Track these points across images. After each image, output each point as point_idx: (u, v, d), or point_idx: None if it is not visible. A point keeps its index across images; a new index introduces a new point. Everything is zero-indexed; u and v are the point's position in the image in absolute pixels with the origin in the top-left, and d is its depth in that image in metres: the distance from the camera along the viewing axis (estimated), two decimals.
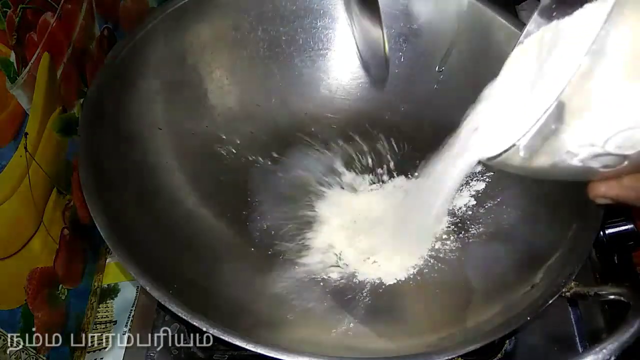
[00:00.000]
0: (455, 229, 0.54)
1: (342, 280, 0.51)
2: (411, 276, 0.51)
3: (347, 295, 0.49)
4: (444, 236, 0.54)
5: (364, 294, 0.49)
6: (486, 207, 0.55)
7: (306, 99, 0.64)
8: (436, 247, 0.53)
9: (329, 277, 0.50)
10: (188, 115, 0.58)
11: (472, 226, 0.54)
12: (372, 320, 0.46)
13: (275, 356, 0.36)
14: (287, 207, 0.56)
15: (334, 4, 0.62)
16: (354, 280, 0.51)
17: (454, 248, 0.52)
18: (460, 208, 0.55)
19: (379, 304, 0.48)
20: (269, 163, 0.60)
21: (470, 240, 0.53)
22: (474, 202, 0.56)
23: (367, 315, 0.47)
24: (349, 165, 0.61)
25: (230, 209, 0.55)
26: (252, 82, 0.62)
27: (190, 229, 0.52)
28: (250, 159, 0.59)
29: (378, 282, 0.50)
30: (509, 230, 0.52)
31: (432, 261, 0.52)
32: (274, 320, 0.46)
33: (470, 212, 0.55)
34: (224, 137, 0.60)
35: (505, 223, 0.53)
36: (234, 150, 0.60)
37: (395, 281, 0.50)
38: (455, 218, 0.55)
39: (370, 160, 0.61)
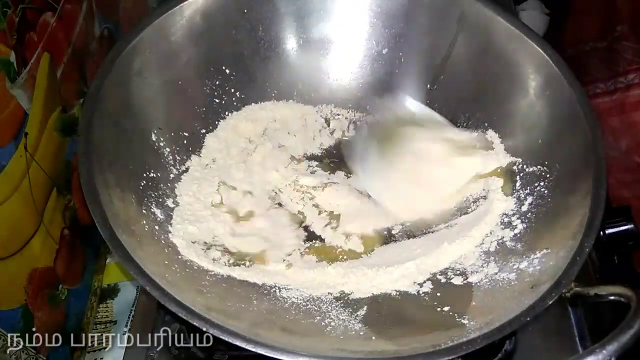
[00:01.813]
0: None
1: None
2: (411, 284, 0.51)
3: (346, 301, 0.49)
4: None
5: (363, 300, 0.49)
6: None
7: (307, 99, 0.64)
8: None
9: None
10: (188, 115, 0.58)
11: None
12: (371, 321, 0.46)
13: (275, 356, 0.36)
14: None
15: (335, 4, 0.62)
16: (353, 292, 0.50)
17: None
18: None
19: (378, 308, 0.48)
20: None
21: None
22: None
23: (367, 317, 0.47)
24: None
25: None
26: (253, 82, 0.62)
27: None
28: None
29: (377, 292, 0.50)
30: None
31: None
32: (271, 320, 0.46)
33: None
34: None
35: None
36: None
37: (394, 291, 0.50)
38: None
39: None
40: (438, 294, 0.49)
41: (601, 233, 0.51)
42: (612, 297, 0.39)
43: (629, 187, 0.67)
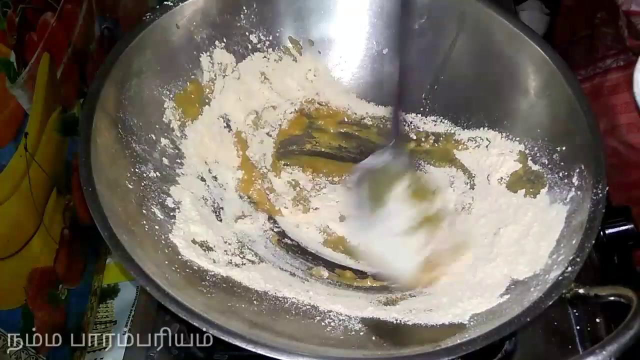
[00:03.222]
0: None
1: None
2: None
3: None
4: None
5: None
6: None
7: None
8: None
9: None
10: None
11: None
12: (371, 322, 0.46)
13: (275, 356, 0.36)
14: None
15: (335, 4, 0.62)
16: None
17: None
18: None
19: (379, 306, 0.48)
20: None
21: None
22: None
23: (366, 317, 0.47)
24: None
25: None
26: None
27: None
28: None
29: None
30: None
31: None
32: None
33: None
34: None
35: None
36: None
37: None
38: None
39: None
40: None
41: (601, 233, 0.51)
42: (612, 298, 0.39)
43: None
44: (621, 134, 0.66)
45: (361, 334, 0.45)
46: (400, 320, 0.46)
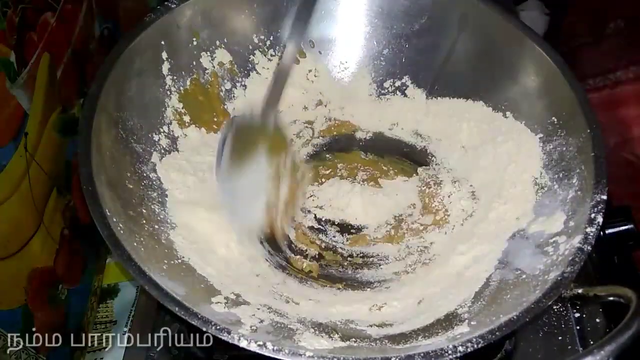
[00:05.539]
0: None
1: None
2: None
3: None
4: None
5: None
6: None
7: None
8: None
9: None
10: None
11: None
12: (372, 320, 0.46)
13: (275, 356, 0.37)
14: None
15: (335, 4, 0.62)
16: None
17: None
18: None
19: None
20: None
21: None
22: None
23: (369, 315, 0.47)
24: None
25: None
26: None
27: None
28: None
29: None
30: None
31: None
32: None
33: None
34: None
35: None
36: None
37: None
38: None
39: None
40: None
41: (601, 233, 0.51)
42: (611, 298, 0.39)
43: (618, 183, 0.66)
44: (633, 146, 0.65)
45: (363, 333, 0.45)
46: (400, 321, 0.46)
